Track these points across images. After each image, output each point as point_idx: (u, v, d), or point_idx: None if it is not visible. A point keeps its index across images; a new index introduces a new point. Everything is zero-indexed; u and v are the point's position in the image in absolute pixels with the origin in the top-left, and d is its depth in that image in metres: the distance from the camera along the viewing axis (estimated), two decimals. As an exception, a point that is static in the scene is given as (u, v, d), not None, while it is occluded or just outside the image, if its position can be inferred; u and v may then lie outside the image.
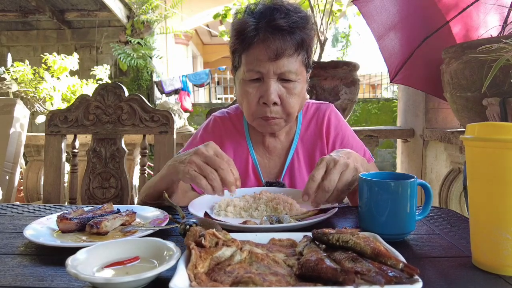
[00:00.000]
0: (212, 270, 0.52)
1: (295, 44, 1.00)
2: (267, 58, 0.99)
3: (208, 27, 8.77)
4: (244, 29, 1.01)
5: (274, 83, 1.02)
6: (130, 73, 6.59)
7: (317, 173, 0.83)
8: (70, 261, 0.54)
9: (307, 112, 1.22)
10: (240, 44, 1.04)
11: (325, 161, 0.84)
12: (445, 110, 2.67)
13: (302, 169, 1.17)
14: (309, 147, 1.19)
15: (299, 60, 1.03)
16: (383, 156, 7.08)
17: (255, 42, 1.01)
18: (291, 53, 1.00)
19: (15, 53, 6.83)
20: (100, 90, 1.54)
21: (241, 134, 1.20)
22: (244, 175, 1.18)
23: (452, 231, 0.79)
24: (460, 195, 2.29)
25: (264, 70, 1.01)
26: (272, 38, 0.98)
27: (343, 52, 7.37)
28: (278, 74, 1.01)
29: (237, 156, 1.19)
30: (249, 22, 1.01)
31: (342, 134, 1.18)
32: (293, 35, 1.00)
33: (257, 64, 1.01)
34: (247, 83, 1.05)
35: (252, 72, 1.03)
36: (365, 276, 0.48)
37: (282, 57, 0.99)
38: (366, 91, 11.60)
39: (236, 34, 1.04)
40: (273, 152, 1.19)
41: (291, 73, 1.02)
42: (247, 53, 1.03)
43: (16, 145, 2.72)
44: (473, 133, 0.59)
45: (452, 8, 2.16)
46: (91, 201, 1.52)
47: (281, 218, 0.79)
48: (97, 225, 0.75)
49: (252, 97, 1.05)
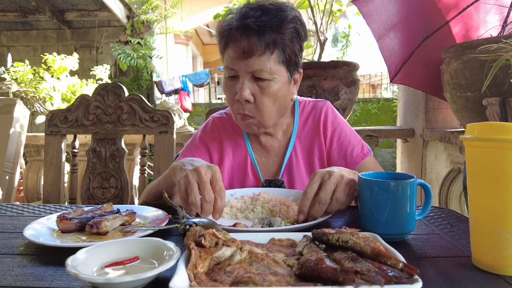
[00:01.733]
0: (212, 270, 0.52)
1: (264, 43, 1.00)
2: (237, 56, 1.02)
3: (208, 27, 8.77)
4: (221, 30, 1.07)
5: (247, 81, 1.04)
6: (130, 73, 6.58)
7: (310, 189, 0.82)
8: (70, 261, 0.54)
9: (303, 110, 1.23)
10: (220, 43, 1.09)
11: (319, 175, 0.84)
12: (445, 110, 2.67)
13: (300, 166, 1.18)
14: (307, 144, 1.19)
15: (273, 59, 1.03)
16: (383, 156, 7.08)
17: (229, 41, 1.05)
18: (261, 52, 1.01)
19: (15, 53, 6.83)
20: (100, 90, 1.54)
21: (239, 134, 1.21)
22: (243, 174, 1.19)
23: (452, 231, 0.79)
24: (460, 195, 2.29)
25: (237, 68, 1.04)
26: (239, 38, 1.01)
27: (343, 52, 7.36)
28: (250, 72, 1.03)
29: (236, 155, 1.20)
30: (225, 23, 1.06)
31: (340, 129, 1.18)
32: (262, 34, 1.00)
33: (231, 62, 1.05)
34: (227, 80, 1.09)
35: (228, 70, 1.07)
36: (365, 276, 0.48)
37: (251, 56, 1.01)
38: (366, 91, 11.60)
39: (217, 33, 1.10)
40: (271, 151, 1.20)
41: (264, 72, 1.03)
42: (226, 52, 1.07)
43: (16, 145, 2.72)
44: (473, 133, 0.59)
45: (452, 8, 2.16)
46: (91, 201, 1.52)
47: (272, 221, 0.80)
48: (97, 225, 0.75)
49: (230, 94, 1.09)
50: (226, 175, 1.19)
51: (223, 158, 1.19)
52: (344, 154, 1.15)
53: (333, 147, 1.17)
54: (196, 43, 12.15)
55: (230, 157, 1.20)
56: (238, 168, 1.19)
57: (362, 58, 11.80)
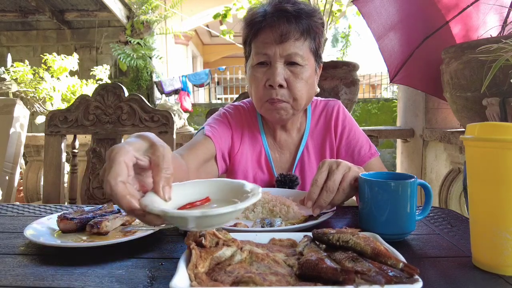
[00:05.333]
0: (212, 270, 0.52)
1: (301, 29, 1.03)
2: (273, 40, 1.03)
3: (208, 27, 8.78)
4: (253, 18, 1.07)
5: (280, 66, 1.05)
6: (130, 73, 6.59)
7: (320, 177, 0.82)
8: (147, 201, 0.50)
9: (316, 109, 1.25)
10: (250, 31, 1.09)
11: (327, 164, 0.84)
12: (445, 110, 2.67)
13: (312, 163, 1.19)
14: (319, 142, 1.21)
15: (306, 46, 1.06)
16: (383, 156, 7.08)
17: (262, 27, 1.05)
18: (297, 37, 1.03)
19: (15, 53, 6.83)
20: (100, 90, 1.54)
21: (256, 127, 1.23)
22: (257, 167, 1.20)
23: (452, 231, 0.79)
24: (460, 195, 2.29)
25: (271, 52, 1.04)
26: (277, 22, 1.02)
27: (343, 52, 7.37)
28: (284, 56, 1.04)
29: (252, 147, 1.21)
30: (257, 11, 1.07)
31: (349, 128, 1.20)
32: (299, 20, 1.03)
33: (264, 47, 1.05)
34: (256, 68, 1.08)
35: (259, 55, 1.06)
36: (365, 276, 0.48)
37: (288, 40, 1.02)
38: (366, 91, 11.59)
39: (246, 23, 1.10)
40: (284, 147, 1.22)
41: (298, 56, 1.04)
42: (256, 39, 1.07)
43: (16, 145, 2.72)
44: (473, 133, 0.59)
45: (452, 8, 2.16)
46: (91, 201, 1.52)
47: (273, 222, 0.80)
48: (97, 225, 0.75)
49: (259, 81, 1.08)
50: (243, 164, 1.18)
51: (242, 146, 1.20)
52: (352, 153, 1.17)
53: (342, 145, 1.19)
54: (196, 43, 12.15)
55: (247, 147, 1.20)
56: (252, 161, 1.20)
57: (362, 58, 11.79)
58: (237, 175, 1.18)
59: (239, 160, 1.18)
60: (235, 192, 0.57)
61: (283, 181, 1.11)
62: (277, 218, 0.84)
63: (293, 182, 1.10)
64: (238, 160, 1.18)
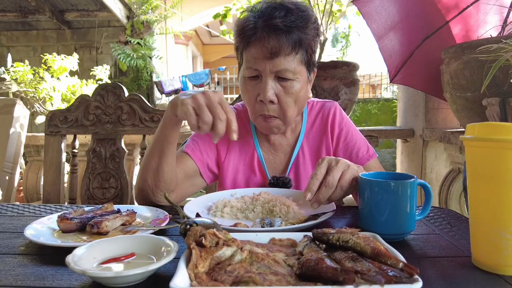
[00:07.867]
0: (212, 269, 0.52)
1: (292, 43, 1.01)
2: (263, 56, 1.01)
3: (208, 27, 8.78)
4: (243, 28, 1.04)
5: (271, 81, 1.03)
6: (130, 73, 6.59)
7: (319, 172, 0.82)
8: (70, 259, 0.54)
9: (312, 110, 1.24)
10: (241, 41, 1.07)
11: (327, 160, 0.85)
12: (445, 110, 2.67)
13: (307, 165, 1.18)
14: (315, 143, 1.20)
15: (297, 59, 1.04)
16: (383, 156, 7.08)
17: (252, 40, 1.03)
18: (288, 52, 1.01)
19: (15, 53, 6.83)
20: (100, 90, 1.54)
21: (247, 130, 1.21)
22: (250, 170, 1.18)
23: (452, 231, 0.79)
24: (460, 195, 2.29)
25: (261, 68, 1.03)
26: (267, 38, 0.99)
27: (343, 52, 7.38)
28: (274, 72, 1.02)
29: (243, 151, 1.20)
30: (248, 21, 1.03)
31: (346, 130, 1.19)
32: (289, 34, 1.00)
33: (254, 62, 1.03)
34: (247, 80, 1.07)
35: (250, 70, 1.05)
36: (365, 276, 0.48)
37: (278, 56, 1.00)
38: (366, 91, 11.59)
39: (237, 32, 1.07)
40: (279, 149, 1.20)
41: (288, 72, 1.02)
42: (246, 51, 1.05)
43: (16, 145, 2.72)
44: (473, 133, 0.59)
45: (452, 8, 2.17)
46: (91, 201, 1.52)
47: (273, 222, 0.80)
48: (97, 225, 0.75)
49: (251, 94, 1.07)
50: (231, 170, 1.18)
51: (229, 153, 1.19)
52: (350, 155, 1.16)
53: (339, 147, 1.18)
54: (196, 43, 12.15)
55: (236, 152, 1.19)
56: (244, 164, 1.19)
57: (362, 58, 11.80)
58: (225, 182, 1.18)
59: (227, 167, 1.17)
60: (157, 247, 0.60)
61: (275, 183, 1.10)
62: (277, 218, 0.84)
63: (286, 185, 1.10)
64: (226, 168, 1.17)
